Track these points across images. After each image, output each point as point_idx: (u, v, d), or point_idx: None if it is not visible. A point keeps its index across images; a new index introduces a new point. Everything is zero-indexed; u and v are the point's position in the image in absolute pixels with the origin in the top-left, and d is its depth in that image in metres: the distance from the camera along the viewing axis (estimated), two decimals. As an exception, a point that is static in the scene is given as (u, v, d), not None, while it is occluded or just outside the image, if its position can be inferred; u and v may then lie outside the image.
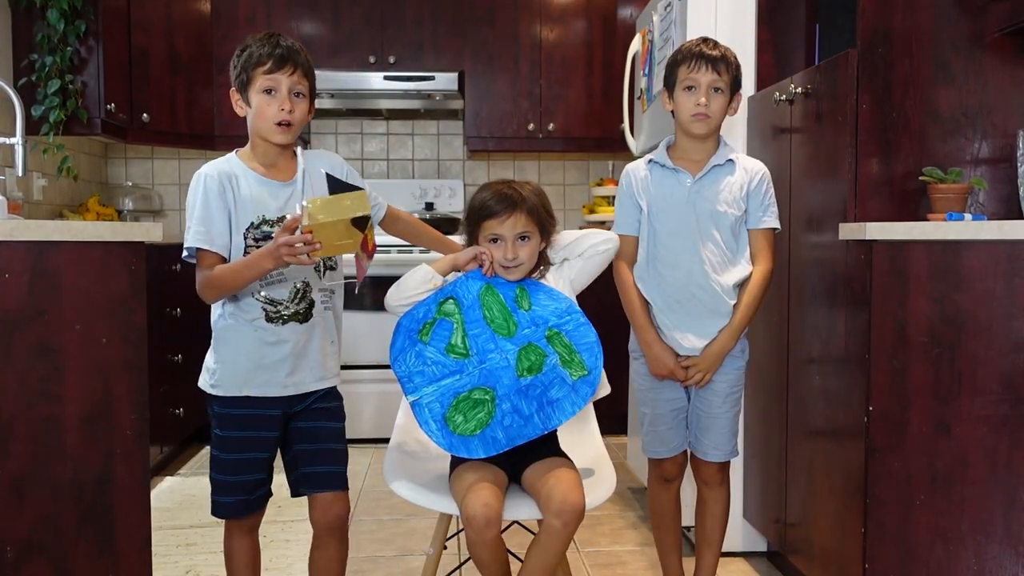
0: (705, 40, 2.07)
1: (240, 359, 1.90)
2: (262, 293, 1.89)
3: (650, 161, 2.13)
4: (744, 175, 2.09)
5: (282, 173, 1.95)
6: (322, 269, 1.96)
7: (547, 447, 1.90)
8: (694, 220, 2.07)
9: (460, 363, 1.85)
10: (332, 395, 2.00)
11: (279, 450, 1.99)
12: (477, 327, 1.87)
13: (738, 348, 2.13)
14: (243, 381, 1.90)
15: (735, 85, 2.07)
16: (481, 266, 1.90)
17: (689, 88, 2.04)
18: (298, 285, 1.91)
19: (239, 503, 1.95)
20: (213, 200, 1.87)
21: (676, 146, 2.13)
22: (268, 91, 1.87)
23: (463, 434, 1.81)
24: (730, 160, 2.09)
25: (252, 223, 1.88)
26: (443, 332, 1.87)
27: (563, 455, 1.90)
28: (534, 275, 1.97)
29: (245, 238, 1.87)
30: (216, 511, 1.97)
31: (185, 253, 1.89)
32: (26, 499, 1.60)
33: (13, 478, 1.59)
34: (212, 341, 1.96)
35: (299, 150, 1.99)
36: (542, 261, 1.98)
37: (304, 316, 1.92)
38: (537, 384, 1.84)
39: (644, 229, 2.12)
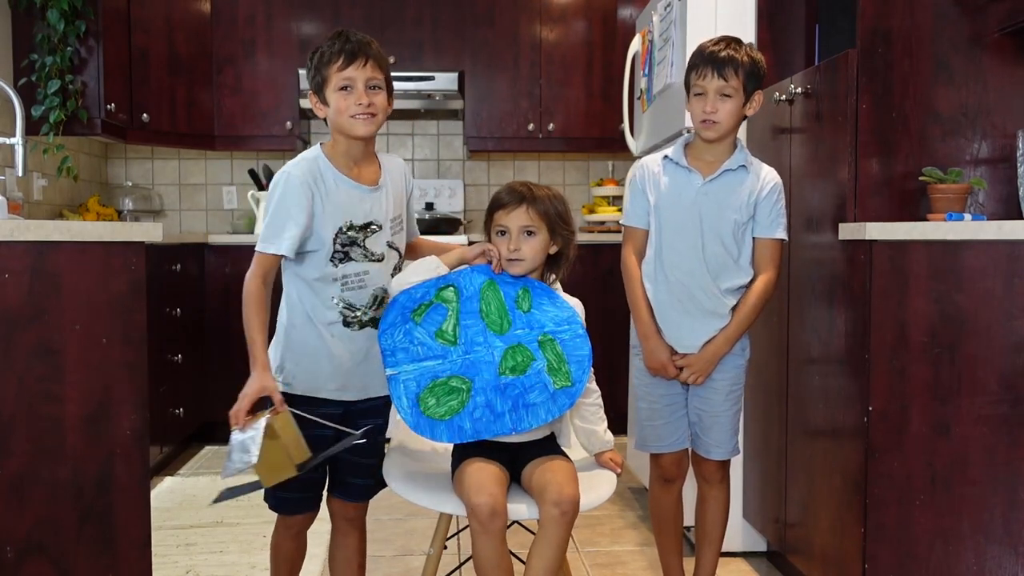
0: (720, 41, 2.05)
1: (320, 362, 1.90)
2: (343, 296, 1.88)
3: (665, 157, 2.13)
4: (755, 182, 2.07)
5: (366, 175, 1.92)
6: (395, 274, 1.96)
7: (545, 447, 1.90)
8: (699, 221, 2.06)
9: (446, 349, 1.86)
10: (384, 407, 2.00)
11: None
12: (471, 318, 1.87)
13: (738, 347, 2.13)
14: (320, 384, 1.90)
15: (750, 85, 2.03)
16: (489, 262, 1.92)
17: (698, 95, 2.04)
18: (377, 292, 1.92)
19: (294, 499, 1.95)
20: (292, 201, 1.82)
21: (692, 145, 2.12)
22: (344, 88, 1.85)
23: (432, 417, 1.82)
24: (743, 166, 2.07)
25: (340, 228, 1.87)
26: (436, 316, 1.87)
27: (561, 454, 1.91)
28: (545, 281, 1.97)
29: (334, 242, 1.86)
30: (270, 504, 1.97)
31: (264, 255, 1.83)
32: (26, 499, 1.60)
33: (13, 478, 1.59)
34: (280, 339, 1.93)
35: (380, 154, 1.99)
36: (552, 268, 1.97)
37: (377, 322, 1.92)
38: (516, 385, 1.84)
39: (652, 225, 2.12)
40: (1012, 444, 1.87)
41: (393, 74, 2.01)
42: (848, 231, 2.00)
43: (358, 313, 1.90)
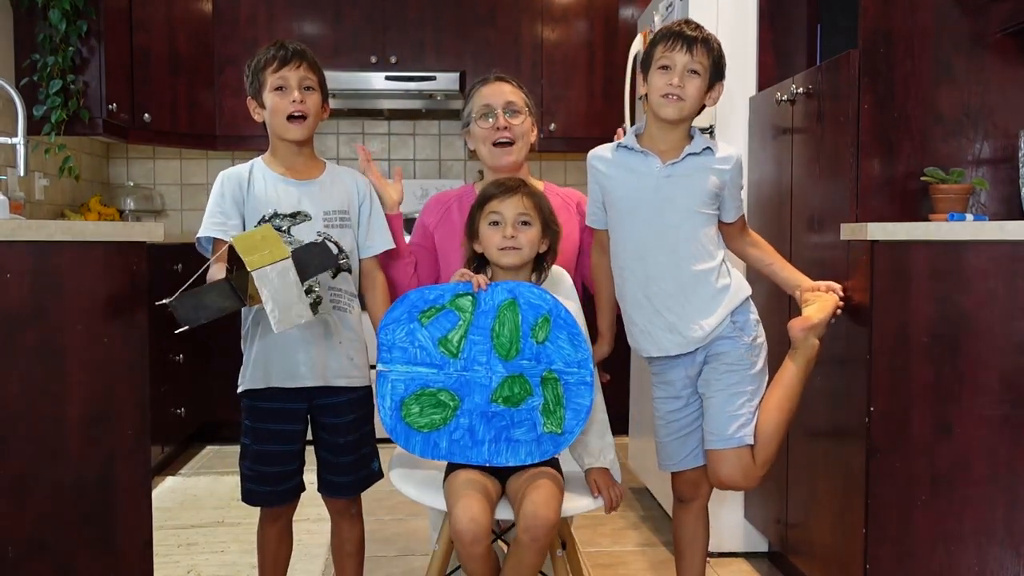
0: (687, 22, 1.93)
1: (259, 350, 1.97)
2: None
3: (618, 146, 1.98)
4: (721, 167, 1.92)
5: (302, 174, 2.02)
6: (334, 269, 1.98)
7: None
8: (662, 207, 1.91)
9: (444, 360, 1.80)
10: (354, 405, 2.03)
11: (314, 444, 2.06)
12: (480, 335, 1.81)
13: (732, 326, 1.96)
14: (264, 373, 1.96)
15: (716, 72, 1.91)
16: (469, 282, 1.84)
17: (664, 68, 1.89)
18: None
19: (268, 493, 2.02)
20: (227, 195, 1.97)
21: (645, 133, 1.96)
22: (279, 88, 1.95)
23: (411, 426, 1.79)
24: (708, 148, 1.93)
25: (264, 217, 1.94)
26: (444, 323, 1.81)
27: (551, 463, 1.85)
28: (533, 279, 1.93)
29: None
30: (244, 498, 2.04)
31: (199, 246, 1.98)
32: (27, 499, 1.60)
33: (15, 478, 1.59)
34: (244, 338, 2.04)
35: (328, 162, 2.08)
36: (537, 268, 1.93)
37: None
38: (504, 416, 1.78)
39: (610, 220, 1.99)
40: (1014, 444, 1.87)
41: (395, 74, 2.08)
42: (850, 231, 2.00)
43: None
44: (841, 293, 2.00)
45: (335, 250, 1.97)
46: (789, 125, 2.45)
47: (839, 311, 1.99)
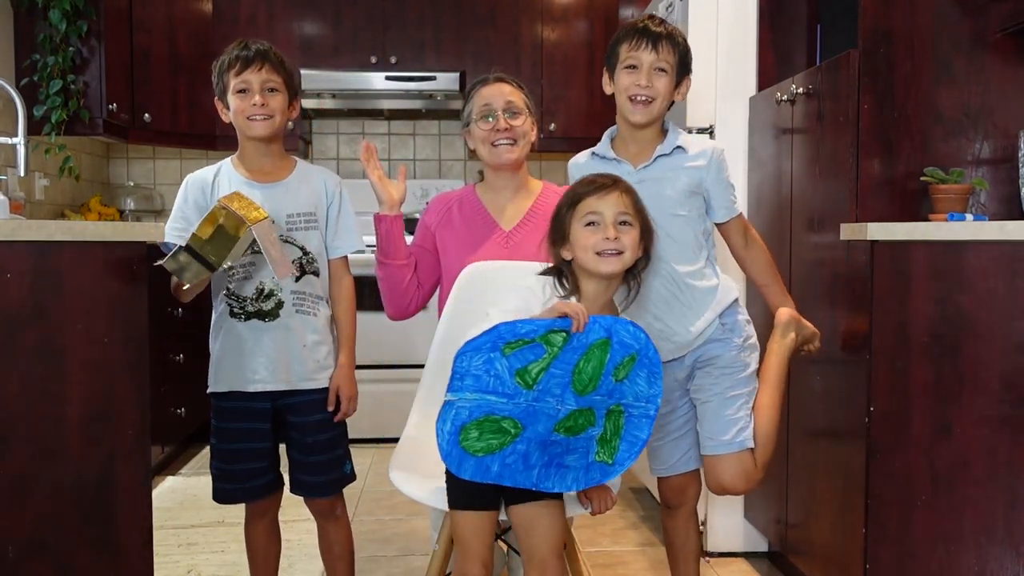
0: (651, 17, 1.91)
1: (220, 354, 1.99)
2: (230, 287, 1.96)
3: (592, 154, 1.98)
4: (696, 164, 1.89)
5: (269, 176, 2.02)
6: (297, 272, 1.98)
7: None
8: None
9: (517, 391, 1.66)
10: (320, 405, 2.02)
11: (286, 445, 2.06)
12: (562, 368, 1.67)
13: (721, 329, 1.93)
14: (229, 376, 1.97)
15: (683, 68, 1.89)
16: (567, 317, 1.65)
17: (630, 67, 1.87)
18: (264, 283, 1.95)
19: (236, 491, 2.03)
20: (190, 200, 1.98)
21: (618, 137, 1.96)
22: (242, 91, 1.97)
23: (466, 449, 1.68)
24: (679, 147, 1.89)
25: None
26: (528, 355, 1.66)
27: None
28: (613, 304, 1.80)
29: None
30: (214, 497, 2.05)
31: (164, 248, 1.96)
32: (27, 499, 1.60)
33: (15, 478, 1.59)
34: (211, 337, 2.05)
35: (299, 160, 2.07)
36: (628, 279, 1.79)
37: (269, 315, 1.95)
38: (561, 444, 1.69)
39: None
40: (1014, 444, 1.87)
41: (395, 74, 2.07)
42: (849, 231, 2.00)
43: (244, 304, 1.95)
44: (816, 345, 2.03)
45: (299, 252, 1.98)
46: (789, 125, 2.45)
47: (808, 349, 2.02)
